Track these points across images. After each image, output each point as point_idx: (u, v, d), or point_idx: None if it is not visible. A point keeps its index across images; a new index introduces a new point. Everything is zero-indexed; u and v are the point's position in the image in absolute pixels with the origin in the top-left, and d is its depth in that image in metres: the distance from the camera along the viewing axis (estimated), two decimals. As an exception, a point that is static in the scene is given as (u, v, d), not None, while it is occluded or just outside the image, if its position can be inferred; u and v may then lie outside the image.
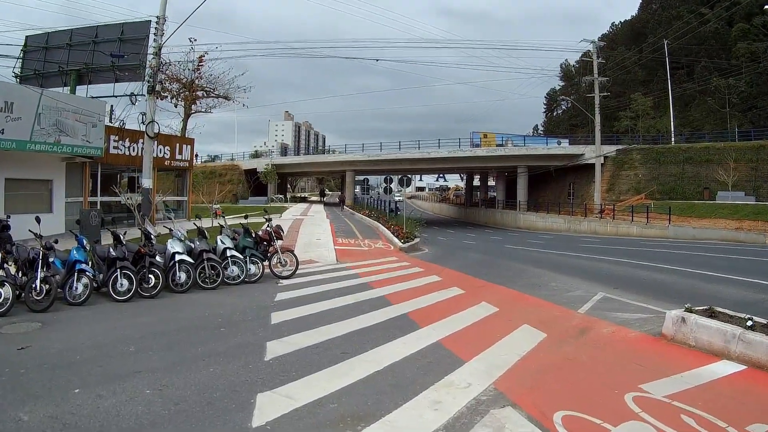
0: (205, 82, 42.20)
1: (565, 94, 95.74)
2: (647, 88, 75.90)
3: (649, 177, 52.78)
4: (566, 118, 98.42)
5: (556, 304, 11.40)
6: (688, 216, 41.72)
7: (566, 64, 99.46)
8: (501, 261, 21.58)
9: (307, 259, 18.94)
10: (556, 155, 59.03)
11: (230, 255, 13.87)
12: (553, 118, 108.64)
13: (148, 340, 8.20)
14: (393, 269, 17.29)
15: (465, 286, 13.66)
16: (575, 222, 48.84)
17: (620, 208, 45.97)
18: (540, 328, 9.03)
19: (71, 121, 21.68)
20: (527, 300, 11.98)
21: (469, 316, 9.96)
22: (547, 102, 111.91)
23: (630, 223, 42.25)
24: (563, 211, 52.70)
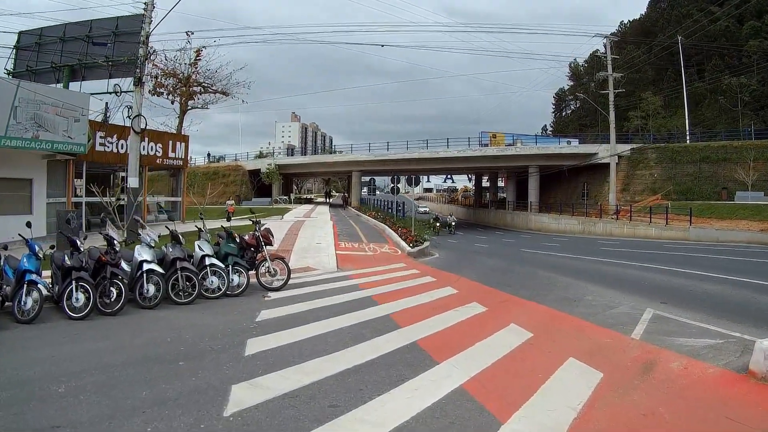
0: (202, 77, 40.41)
1: (574, 93, 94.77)
2: (657, 87, 75.39)
3: (664, 177, 51.24)
4: (575, 119, 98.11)
5: (602, 326, 9.25)
6: (707, 217, 39.79)
7: (575, 64, 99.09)
8: (521, 268, 19.44)
9: (304, 266, 16.93)
10: (568, 154, 57.64)
11: (209, 264, 11.85)
12: (562, 118, 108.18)
13: (87, 376, 6.43)
14: (400, 279, 15.18)
15: (486, 300, 11.53)
16: (590, 223, 47.27)
17: (636, 208, 44.14)
18: (592, 363, 6.96)
19: (51, 115, 19.96)
20: (565, 320, 9.80)
21: (498, 346, 7.84)
22: (556, 102, 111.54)
23: (648, 224, 40.41)
24: (577, 212, 51.24)
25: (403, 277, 15.40)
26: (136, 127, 21.16)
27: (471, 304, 10.98)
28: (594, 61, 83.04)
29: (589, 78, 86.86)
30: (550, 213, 55.01)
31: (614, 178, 51.62)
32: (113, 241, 10.95)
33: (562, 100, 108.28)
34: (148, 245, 11.31)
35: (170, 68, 38.73)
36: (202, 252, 12.07)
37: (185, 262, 11.42)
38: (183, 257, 11.50)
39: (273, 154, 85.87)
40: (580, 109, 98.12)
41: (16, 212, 19.57)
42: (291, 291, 12.58)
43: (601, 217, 46.67)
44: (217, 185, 65.32)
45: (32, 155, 20.85)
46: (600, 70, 59.70)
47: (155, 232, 12.00)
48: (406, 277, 15.41)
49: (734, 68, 66.05)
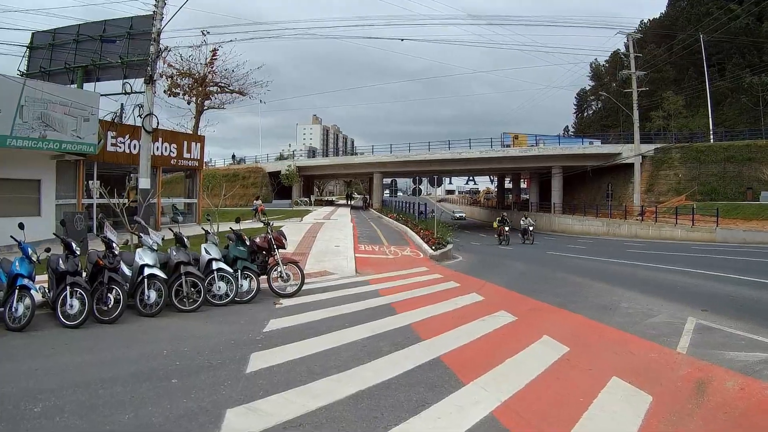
0: (219, 77, 39.74)
1: (596, 93, 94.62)
2: (678, 86, 74.37)
3: (689, 177, 50.17)
4: (597, 119, 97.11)
5: (643, 337, 8.30)
6: (733, 218, 38.71)
7: (596, 64, 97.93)
8: (548, 272, 18.41)
9: (320, 270, 16.05)
10: (591, 155, 56.44)
11: (216, 268, 11.04)
12: (583, 119, 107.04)
13: (68, 394, 5.75)
14: (422, 284, 14.23)
15: (515, 309, 10.62)
16: (614, 225, 46.19)
17: (662, 209, 43.17)
18: (638, 383, 6.08)
19: (59, 114, 19.34)
20: (602, 332, 8.87)
21: (531, 363, 6.95)
22: (578, 102, 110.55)
23: (674, 225, 39.28)
24: (601, 214, 50.17)
25: (425, 283, 14.50)
26: (148, 127, 20.46)
27: (499, 313, 10.10)
28: (615, 61, 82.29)
29: (611, 78, 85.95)
30: (574, 214, 54.17)
31: (639, 179, 50.62)
32: (112, 243, 10.18)
33: (583, 100, 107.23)
34: (150, 248, 10.55)
35: (186, 68, 38.14)
36: (209, 256, 11.27)
37: (190, 266, 10.67)
38: (187, 261, 10.73)
39: (293, 156, 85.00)
40: (602, 109, 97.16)
41: (23, 214, 18.70)
42: (304, 297, 11.77)
43: (626, 219, 45.76)
44: (236, 187, 65.24)
45: (40, 155, 20.28)
46: (621, 70, 59.05)
47: (159, 235, 11.26)
48: (428, 283, 14.51)
49: (755, 66, 64.70)
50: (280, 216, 41.57)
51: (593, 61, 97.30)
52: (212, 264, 11.09)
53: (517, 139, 65.10)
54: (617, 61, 78.92)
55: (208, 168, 78.33)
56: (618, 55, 78.66)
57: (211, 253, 11.30)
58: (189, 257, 10.93)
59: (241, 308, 10.68)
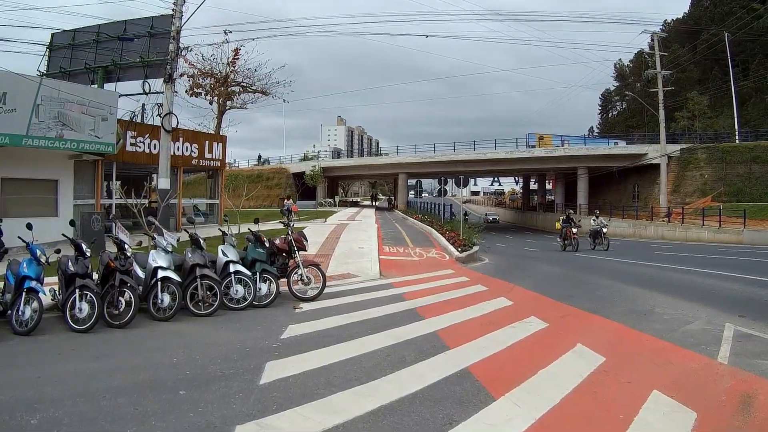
0: (241, 77, 39.35)
1: (620, 94, 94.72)
2: (702, 86, 73.58)
3: (715, 178, 49.90)
4: (622, 120, 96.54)
5: (682, 346, 7.76)
6: (760, 219, 38.30)
7: (620, 64, 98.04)
8: (578, 274, 17.73)
9: (343, 272, 15.54)
10: (617, 155, 56.31)
11: (233, 271, 10.60)
12: (608, 119, 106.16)
13: (69, 404, 5.39)
14: (448, 287, 13.62)
15: (546, 314, 10.03)
16: (640, 226, 45.83)
17: (688, 210, 42.64)
18: (680, 397, 5.57)
19: (76, 113, 19.07)
20: (639, 340, 8.30)
21: (566, 375, 6.41)
22: (602, 103, 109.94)
23: (701, 227, 39.02)
24: (627, 215, 49.84)
25: (452, 286, 13.90)
26: (167, 126, 20.24)
27: (529, 319, 9.54)
28: (640, 61, 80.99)
29: (635, 78, 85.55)
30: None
31: (665, 180, 50.25)
32: (123, 245, 9.77)
33: (608, 100, 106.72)
34: (164, 250, 10.14)
35: (207, 68, 37.81)
36: (226, 258, 10.84)
37: (206, 269, 10.22)
38: (203, 264, 10.30)
39: (317, 156, 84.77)
40: (627, 109, 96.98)
41: (41, 215, 18.87)
42: (326, 301, 11.26)
43: (652, 220, 45.39)
44: (260, 188, 65.24)
45: (57, 155, 20.06)
46: (646, 69, 58.13)
47: (174, 236, 10.84)
48: (454, 286, 13.91)
49: (779, 66, 63.86)
50: (303, 217, 41.32)
51: (617, 61, 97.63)
52: (229, 266, 10.66)
53: (543, 139, 64.88)
54: (642, 61, 77.88)
55: (232, 169, 78.65)
56: (642, 55, 77.54)
57: (229, 255, 10.87)
58: (205, 259, 10.49)
59: (259, 313, 10.23)
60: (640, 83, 77.25)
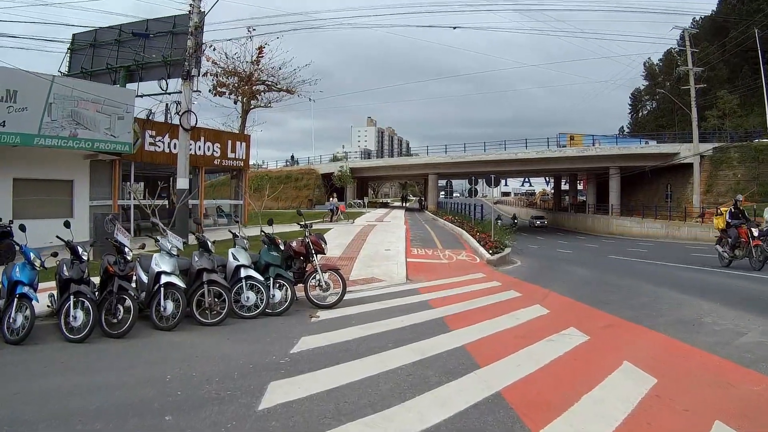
0: (265, 75, 38.64)
1: (650, 93, 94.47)
2: (732, 85, 72.34)
3: (748, 177, 48.41)
4: (652, 119, 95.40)
5: (739, 363, 6.76)
6: (797, 218, 36.47)
7: (649, 63, 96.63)
8: (615, 278, 16.64)
9: (367, 276, 14.66)
10: (650, 155, 55.12)
11: (245, 276, 9.79)
12: (638, 119, 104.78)
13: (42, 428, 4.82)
14: (479, 293, 12.60)
15: (585, 325, 9.06)
16: (673, 227, 44.70)
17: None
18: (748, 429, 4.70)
19: (91, 112, 18.80)
20: (690, 356, 7.27)
21: (614, 401, 5.45)
22: (632, 102, 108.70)
23: (735, 228, 37.11)
24: (660, 216, 48.64)
25: (482, 292, 12.88)
26: (186, 124, 19.59)
27: (568, 331, 8.57)
28: (669, 59, 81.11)
29: (665, 77, 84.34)
30: (632, 216, 52.87)
31: (698, 179, 48.99)
32: (123, 248, 9.00)
33: (638, 100, 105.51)
34: (168, 253, 9.36)
35: (231, 67, 37.20)
36: (237, 262, 10.04)
37: (214, 274, 9.45)
38: (211, 268, 9.52)
39: (346, 157, 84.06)
40: (657, 109, 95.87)
41: (55, 216, 18.09)
42: (346, 309, 10.41)
43: (686, 221, 44.37)
44: (289, 189, 64.96)
45: (72, 155, 19.70)
46: (676, 68, 57.11)
47: (179, 238, 10.04)
48: (485, 292, 12.90)
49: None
50: (330, 218, 40.71)
51: (647, 59, 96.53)
52: (240, 271, 9.87)
53: (573, 139, 63.90)
54: (671, 60, 77.52)
55: (261, 170, 78.50)
56: (672, 54, 76.57)
57: (239, 259, 10.06)
58: (213, 263, 9.70)
59: (272, 321, 9.41)
60: (670, 82, 76.25)
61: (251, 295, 9.66)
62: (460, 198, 62.65)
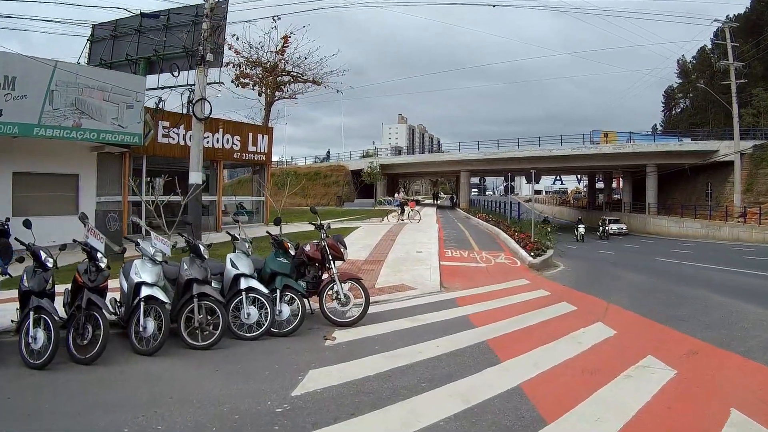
0: (291, 66, 36.95)
1: (684, 91, 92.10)
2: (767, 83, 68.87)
3: (790, 176, 46.34)
4: (686, 117, 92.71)
5: None
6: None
7: (683, 60, 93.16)
8: (673, 286, 14.68)
9: (396, 284, 12.82)
10: (688, 152, 53.15)
11: (245, 288, 8.08)
12: (672, 116, 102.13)
13: None
14: (526, 306, 10.66)
15: (666, 352, 7.18)
16: (713, 227, 43.10)
17: (765, 210, 39.81)
18: None
19: (97, 100, 17.46)
20: None
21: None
22: (665, 100, 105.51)
23: (781, 229, 36.17)
24: (699, 215, 47.03)
25: (530, 304, 10.97)
26: (199, 113, 18.10)
27: (645, 361, 6.71)
28: (703, 57, 79.80)
29: (699, 74, 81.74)
30: (670, 215, 51.16)
31: (739, 178, 46.79)
32: (96, 254, 7.39)
33: (671, 98, 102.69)
34: (151, 260, 7.75)
35: (255, 57, 35.61)
36: (236, 270, 8.32)
37: (206, 285, 7.77)
38: (203, 279, 7.81)
39: (377, 153, 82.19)
40: (691, 107, 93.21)
41: (59, 213, 17.53)
42: (368, 327, 8.62)
43: (727, 221, 42.67)
44: (318, 186, 63.81)
45: (78, 147, 18.44)
46: (709, 65, 55.67)
47: (165, 241, 8.43)
48: (533, 304, 10.98)
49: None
50: (360, 216, 39.45)
51: (680, 57, 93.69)
52: (240, 282, 8.17)
53: (607, 136, 62.13)
54: (705, 57, 76.98)
55: (288, 166, 77.44)
56: (706, 52, 76.91)
57: (239, 266, 8.34)
58: (206, 273, 7.96)
59: (276, 345, 7.68)
60: (704, 79, 74.12)
61: (253, 311, 7.96)
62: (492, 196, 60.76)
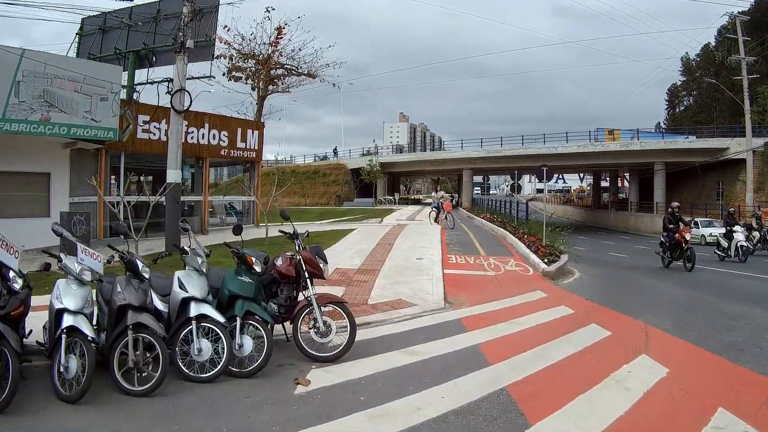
0: (285, 58, 35.00)
1: (687, 89, 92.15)
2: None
3: (800, 175, 45.09)
4: (689, 115, 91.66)
5: None
6: None
7: (686, 58, 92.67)
8: (718, 301, 12.11)
9: (392, 299, 10.95)
10: (697, 150, 51.74)
11: (195, 315, 6.29)
12: (675, 115, 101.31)
13: None
14: (550, 330, 8.80)
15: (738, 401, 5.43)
16: None
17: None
18: None
19: (67, 92, 15.89)
20: None
21: None
22: (669, 98, 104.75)
23: (796, 230, 34.65)
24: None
25: (553, 327, 9.14)
26: (178, 105, 16.53)
27: (719, 419, 4.98)
28: (707, 55, 79.81)
29: (703, 71, 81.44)
30: None
31: (751, 176, 45.29)
32: (8, 273, 5.71)
33: (674, 96, 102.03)
34: (77, 280, 6.05)
35: (248, 49, 33.72)
36: (184, 293, 6.48)
37: (143, 314, 6.03)
38: (139, 304, 6.07)
39: (377, 151, 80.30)
40: (695, 105, 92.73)
41: (29, 214, 16.34)
42: (353, 364, 6.82)
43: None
44: (317, 185, 62.55)
45: (49, 144, 17.01)
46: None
47: (97, 255, 6.53)
48: (557, 327, 9.12)
49: None
50: (357, 216, 37.82)
51: (684, 55, 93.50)
52: (189, 307, 6.36)
53: (612, 134, 60.60)
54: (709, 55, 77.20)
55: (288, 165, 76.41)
56: (710, 49, 77.05)
57: (189, 288, 6.49)
58: (145, 297, 6.23)
59: (232, 392, 5.88)
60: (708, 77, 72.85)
61: (205, 346, 6.19)
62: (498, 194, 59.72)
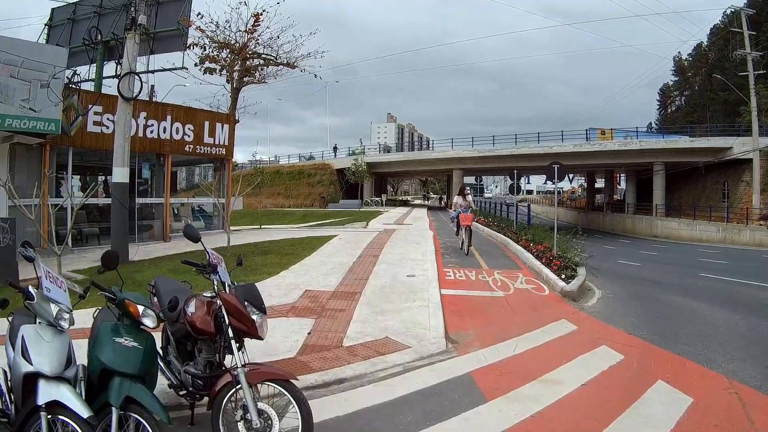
0: (262, 47, 32.21)
1: (680, 88, 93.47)
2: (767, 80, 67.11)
3: (805, 175, 44.44)
4: (682, 115, 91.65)
5: None
6: None
7: (678, 58, 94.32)
8: None
9: (376, 337, 8.23)
10: (699, 149, 50.40)
11: (45, 402, 3.70)
12: (667, 115, 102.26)
13: None
14: (598, 388, 6.52)
15: None
16: (732, 231, 40.65)
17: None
18: None
19: (2, 76, 13.91)
20: None
21: None
22: (661, 98, 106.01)
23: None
24: (714, 217, 44.13)
25: (603, 384, 6.68)
26: (125, 91, 14.04)
27: None
28: (699, 54, 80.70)
29: (695, 71, 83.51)
30: (681, 217, 48.22)
31: (758, 176, 44.10)
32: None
33: (666, 95, 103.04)
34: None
35: (222, 37, 30.93)
36: (28, 366, 3.88)
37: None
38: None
39: (363, 151, 77.65)
40: (687, 104, 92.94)
41: None
42: None
43: (747, 223, 40.15)
44: (302, 185, 60.81)
45: None
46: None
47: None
48: (607, 384, 6.68)
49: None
50: (341, 219, 35.07)
51: (676, 54, 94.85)
52: (38, 390, 3.78)
53: (604, 134, 59.21)
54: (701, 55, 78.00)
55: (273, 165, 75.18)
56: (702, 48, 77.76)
57: (35, 357, 3.90)
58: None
59: None
60: (700, 76, 74.81)
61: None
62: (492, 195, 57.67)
